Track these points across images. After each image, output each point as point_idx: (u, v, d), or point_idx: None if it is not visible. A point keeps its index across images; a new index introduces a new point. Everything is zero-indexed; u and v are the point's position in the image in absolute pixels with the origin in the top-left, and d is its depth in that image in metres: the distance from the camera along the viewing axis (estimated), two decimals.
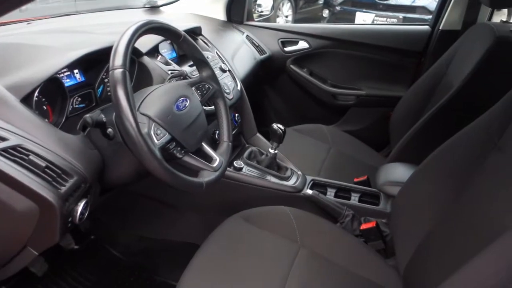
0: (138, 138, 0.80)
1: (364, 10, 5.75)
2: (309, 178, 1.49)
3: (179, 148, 0.95)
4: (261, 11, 2.52)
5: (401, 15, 5.46)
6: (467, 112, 1.31)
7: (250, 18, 2.23)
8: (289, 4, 6.21)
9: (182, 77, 1.18)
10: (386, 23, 5.41)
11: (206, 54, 1.47)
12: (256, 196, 1.39)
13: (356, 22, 5.72)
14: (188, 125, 0.97)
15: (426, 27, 1.91)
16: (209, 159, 1.05)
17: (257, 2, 2.35)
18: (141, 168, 0.85)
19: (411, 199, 1.12)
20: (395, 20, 5.49)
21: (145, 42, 1.23)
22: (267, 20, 2.56)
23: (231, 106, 1.42)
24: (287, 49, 2.11)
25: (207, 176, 0.99)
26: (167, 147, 0.91)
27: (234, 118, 1.49)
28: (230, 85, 1.43)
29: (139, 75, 1.20)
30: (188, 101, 0.99)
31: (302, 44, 2.09)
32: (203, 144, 1.06)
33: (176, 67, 1.26)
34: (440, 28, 1.83)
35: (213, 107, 1.15)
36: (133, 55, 1.19)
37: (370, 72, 2.03)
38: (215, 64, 1.43)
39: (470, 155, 0.96)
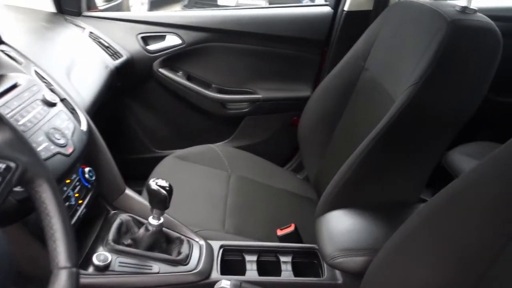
0: None
1: None
2: (215, 244, 1.01)
3: None
4: None
5: None
6: (423, 123, 0.96)
7: (92, 5, 1.59)
8: None
9: None
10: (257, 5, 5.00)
11: (13, 79, 0.85)
12: None
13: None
14: None
15: (327, 8, 1.53)
16: None
17: None
18: None
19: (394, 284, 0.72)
20: None
21: None
22: (119, 7, 1.93)
23: (77, 160, 0.84)
24: (151, 47, 1.54)
25: None
26: None
27: (83, 176, 0.91)
28: (67, 128, 0.84)
29: None
30: None
31: (172, 40, 1.54)
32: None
33: None
34: (345, 9, 1.46)
35: None
36: None
37: (265, 70, 1.59)
38: (32, 95, 0.82)
39: (483, 236, 0.58)
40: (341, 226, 0.91)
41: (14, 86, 0.81)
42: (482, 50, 0.90)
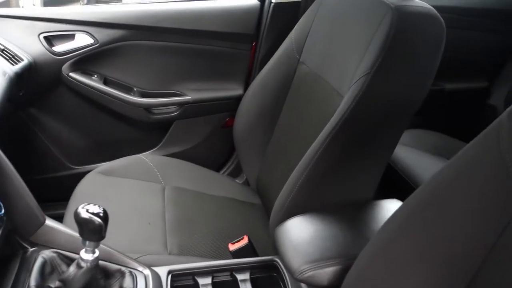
0: None
1: None
2: (162, 271, 0.88)
3: None
4: None
5: None
6: (377, 115, 0.92)
7: None
8: None
9: None
10: None
11: None
12: None
13: None
14: None
15: (254, 0, 1.44)
16: None
17: None
18: None
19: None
20: None
21: None
22: (7, 4, 1.67)
23: None
24: (58, 48, 1.33)
25: None
26: None
27: None
28: None
29: None
30: None
31: (83, 39, 1.34)
32: None
33: None
34: (273, 0, 1.39)
35: None
36: None
37: (192, 70, 1.46)
38: None
39: (471, 235, 0.54)
40: (304, 235, 0.83)
41: None
42: (428, 36, 0.88)
